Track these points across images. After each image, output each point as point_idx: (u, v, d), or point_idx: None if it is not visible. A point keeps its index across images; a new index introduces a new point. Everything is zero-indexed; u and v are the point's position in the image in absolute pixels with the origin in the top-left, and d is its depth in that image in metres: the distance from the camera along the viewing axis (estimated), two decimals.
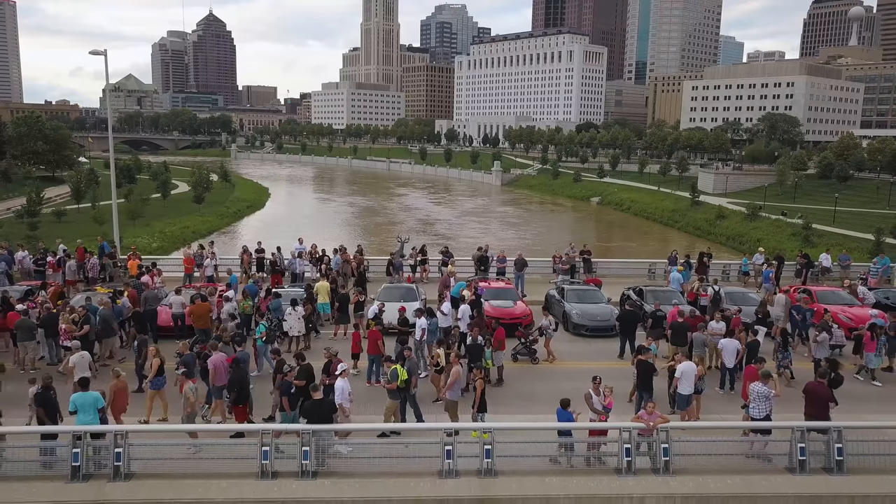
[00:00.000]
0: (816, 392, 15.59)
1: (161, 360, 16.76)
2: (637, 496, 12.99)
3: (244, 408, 15.88)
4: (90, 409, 13.51)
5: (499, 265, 28.13)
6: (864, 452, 13.66)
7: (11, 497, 12.18)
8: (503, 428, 13.32)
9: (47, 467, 12.78)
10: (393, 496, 12.64)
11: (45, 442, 12.89)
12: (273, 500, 12.37)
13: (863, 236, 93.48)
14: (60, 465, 12.43)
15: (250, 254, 27.30)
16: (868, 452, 13.53)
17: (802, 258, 28.66)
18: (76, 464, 12.40)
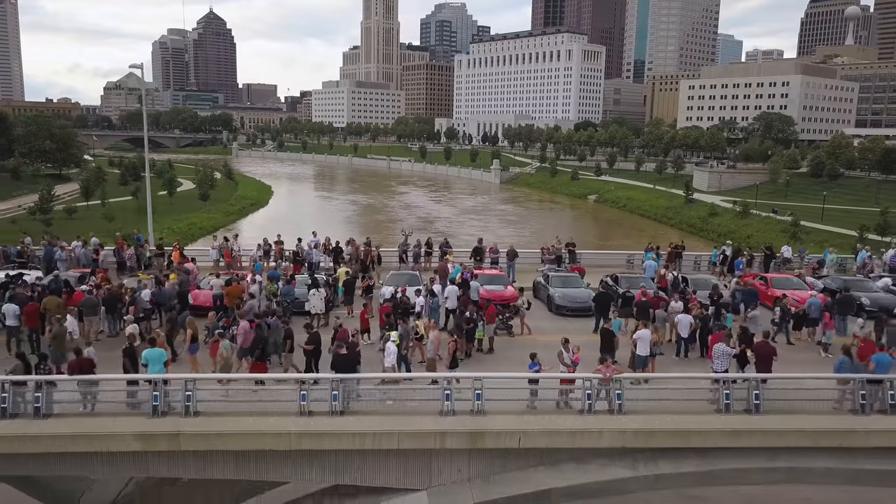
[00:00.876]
0: (762, 349, 19.23)
1: (195, 331, 20.24)
2: (595, 431, 16.21)
3: (264, 364, 19.27)
4: (158, 362, 16.86)
5: (492, 255, 31.56)
6: (779, 398, 16.92)
7: (110, 428, 15.43)
8: (489, 377, 16.72)
9: (133, 406, 16.08)
10: (404, 429, 15.99)
11: (130, 387, 16.23)
12: (310, 432, 15.66)
13: (848, 233, 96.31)
14: (144, 405, 15.76)
15: (281, 245, 30.76)
16: (782, 398, 16.84)
17: (766, 250, 32.02)
18: (156, 404, 15.68)
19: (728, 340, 19.12)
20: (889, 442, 16.46)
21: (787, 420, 16.33)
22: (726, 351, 18.88)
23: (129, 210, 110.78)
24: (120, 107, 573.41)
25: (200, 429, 15.41)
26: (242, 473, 16.80)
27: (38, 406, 15.31)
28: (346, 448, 16.22)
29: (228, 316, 21.69)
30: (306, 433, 15.64)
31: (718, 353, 18.91)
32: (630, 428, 15.95)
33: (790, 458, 16.43)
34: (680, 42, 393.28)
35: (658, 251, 30.52)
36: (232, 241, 31.20)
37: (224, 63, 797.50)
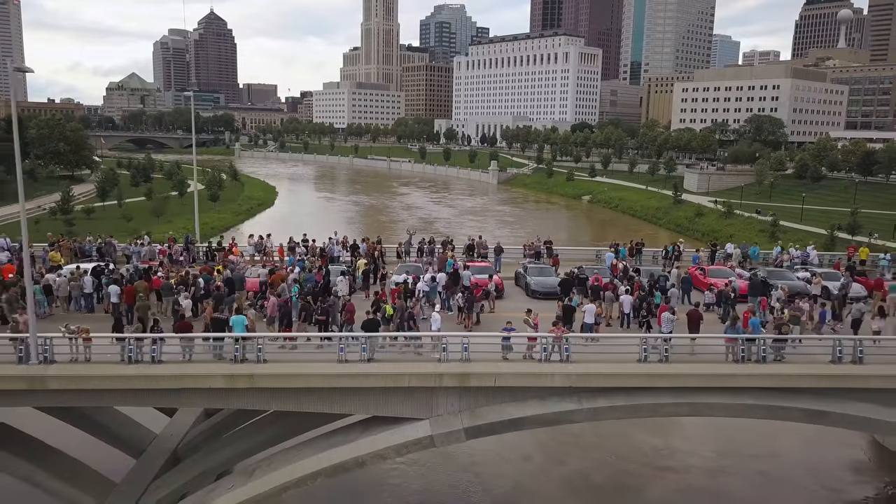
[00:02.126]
0: (692, 315, 25.71)
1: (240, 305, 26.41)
2: (549, 374, 22.40)
3: (288, 328, 25.51)
4: (240, 325, 22.96)
5: (482, 251, 37.78)
6: (686, 352, 23.20)
7: (206, 371, 21.59)
8: (473, 335, 23.05)
9: (219, 357, 22.31)
10: (413, 371, 22.21)
11: (216, 342, 22.48)
12: (346, 373, 21.87)
13: (823, 232, 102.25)
14: (228, 354, 22.03)
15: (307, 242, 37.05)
16: (688, 353, 23.13)
17: (711, 247, 38.21)
18: (237, 354, 21.78)
19: (672, 311, 25.50)
20: (760, 383, 22.70)
21: (688, 367, 22.56)
22: (670, 318, 25.14)
23: (144, 210, 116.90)
24: (122, 107, 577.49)
25: (269, 371, 21.66)
26: (301, 406, 23.02)
27: (153, 355, 21.52)
28: (371, 386, 22.32)
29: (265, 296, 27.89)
30: (344, 375, 21.91)
31: (665, 319, 25.17)
32: (575, 372, 22.17)
33: (691, 395, 22.68)
34: (676, 44, 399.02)
35: (618, 248, 36.79)
36: (265, 240, 37.46)
37: (225, 63, 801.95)
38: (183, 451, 31.76)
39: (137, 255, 34.26)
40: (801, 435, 38.51)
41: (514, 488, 33.84)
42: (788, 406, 22.76)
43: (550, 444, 37.57)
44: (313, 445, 24.25)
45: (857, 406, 22.70)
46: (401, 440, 22.45)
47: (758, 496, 34.03)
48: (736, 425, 39.54)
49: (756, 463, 36.97)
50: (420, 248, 37.58)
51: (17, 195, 30.01)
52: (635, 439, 38.06)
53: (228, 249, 35.24)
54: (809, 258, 36.68)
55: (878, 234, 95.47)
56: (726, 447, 38.45)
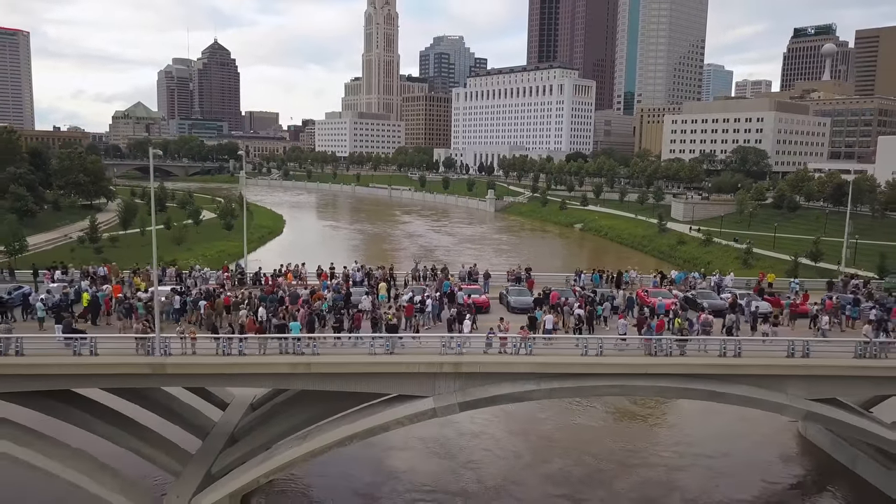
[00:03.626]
0: (639, 321, 34.55)
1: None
2: (517, 363, 31.02)
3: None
4: (296, 329, 31.85)
5: (475, 276, 46.79)
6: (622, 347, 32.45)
7: (275, 361, 30.55)
8: (464, 336, 32.18)
9: (283, 351, 31.26)
10: (420, 360, 31.18)
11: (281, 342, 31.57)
12: (374, 362, 30.93)
13: (790, 258, 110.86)
14: (288, 349, 31.06)
15: (333, 269, 46.08)
16: (621, 347, 32.38)
17: (659, 273, 47.30)
18: (297, 350, 30.76)
19: (628, 318, 34.70)
20: (669, 371, 31.61)
21: (617, 359, 31.58)
22: (624, 323, 34.12)
23: (166, 238, 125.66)
24: (128, 135, 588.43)
25: (321, 361, 30.69)
26: (342, 387, 31.84)
27: (240, 350, 30.57)
28: (393, 372, 31.26)
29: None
30: (372, 362, 31.00)
31: (620, 325, 34.15)
32: (535, 362, 31.18)
33: (620, 379, 31.68)
34: (667, 75, 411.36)
35: (580, 273, 45.97)
36: (301, 267, 46.61)
37: (228, 92, 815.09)
38: (238, 433, 40.70)
39: (203, 279, 43.34)
40: (748, 438, 48.54)
41: (504, 479, 41.94)
42: (691, 387, 31.84)
43: (538, 445, 46.25)
44: (348, 418, 33.19)
45: (739, 387, 31.75)
46: (413, 412, 31.43)
47: (705, 486, 42.29)
48: (693, 431, 49.06)
49: (707, 461, 45.50)
50: (424, 274, 46.76)
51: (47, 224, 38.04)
52: (607, 442, 46.87)
53: (283, 275, 44.46)
54: (723, 282, 45.84)
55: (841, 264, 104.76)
56: (683, 449, 47.05)
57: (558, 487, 40.95)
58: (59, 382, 31.46)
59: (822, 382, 32.51)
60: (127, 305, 34.86)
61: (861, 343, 32.19)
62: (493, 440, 47.33)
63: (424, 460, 43.99)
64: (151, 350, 29.93)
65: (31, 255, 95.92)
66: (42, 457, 30.44)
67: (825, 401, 33.69)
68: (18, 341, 29.84)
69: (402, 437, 45.64)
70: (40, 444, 31.34)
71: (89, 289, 38.08)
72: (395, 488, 40.77)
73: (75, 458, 31.85)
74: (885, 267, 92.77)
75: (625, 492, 40.84)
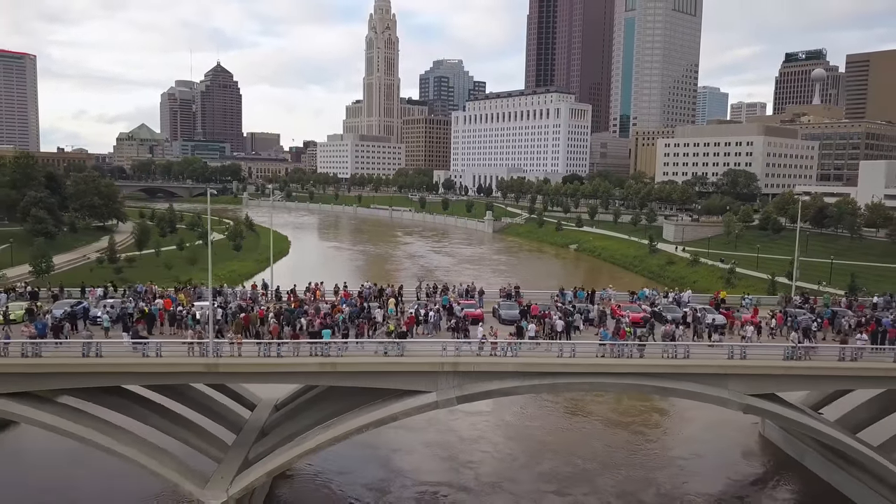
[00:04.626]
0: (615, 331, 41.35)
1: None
2: (505, 363, 37.34)
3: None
4: (327, 335, 38.46)
5: (470, 293, 53.57)
6: (588, 351, 39.18)
7: (307, 361, 37.10)
8: (462, 341, 38.98)
9: (315, 353, 37.97)
10: (425, 360, 37.79)
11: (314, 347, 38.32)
12: (387, 362, 37.50)
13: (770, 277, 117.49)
14: (319, 351, 37.79)
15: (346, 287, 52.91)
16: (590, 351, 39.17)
17: (631, 293, 54.23)
18: (325, 353, 37.45)
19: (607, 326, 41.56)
20: (629, 370, 38.18)
21: (587, 360, 38.28)
22: (599, 332, 40.94)
23: (181, 259, 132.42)
24: (132, 156, 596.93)
25: (345, 361, 37.42)
26: (361, 383, 38.45)
27: (279, 352, 37.31)
28: (403, 370, 37.89)
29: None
30: (386, 362, 37.66)
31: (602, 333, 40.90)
32: (520, 362, 37.84)
33: (590, 378, 38.33)
34: (662, 98, 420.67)
35: (563, 290, 52.85)
36: (320, 286, 53.43)
37: (230, 113, 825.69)
38: (267, 428, 47.33)
39: (234, 295, 50.19)
40: (716, 441, 55.64)
41: (499, 477, 48.20)
42: (647, 384, 38.58)
43: (531, 448, 52.71)
44: (364, 410, 39.81)
45: (687, 384, 38.48)
46: (418, 404, 38.06)
47: (677, 482, 48.51)
48: (668, 436, 55.98)
49: (680, 461, 52.00)
50: (427, 292, 53.65)
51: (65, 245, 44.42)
52: (592, 446, 53.42)
53: (313, 292, 51.49)
54: (681, 298, 52.75)
55: (825, 281, 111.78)
56: (659, 451, 53.61)
57: (548, 485, 47.33)
58: (128, 380, 38.25)
59: (759, 380, 39.21)
60: (179, 317, 41.66)
61: (789, 348, 39.00)
62: (490, 444, 53.88)
63: (428, 461, 50.37)
64: (206, 352, 36.70)
65: (55, 276, 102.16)
66: (117, 442, 37.04)
67: (765, 396, 40.40)
68: (98, 346, 36.61)
69: (408, 441, 52.48)
70: (114, 433, 37.99)
71: (144, 303, 44.88)
72: (402, 483, 47.17)
73: (140, 444, 38.46)
74: (854, 285, 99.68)
75: (607, 488, 47.19)
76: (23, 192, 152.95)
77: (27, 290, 49.81)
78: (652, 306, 49.79)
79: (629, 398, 62.69)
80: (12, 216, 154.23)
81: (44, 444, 48.47)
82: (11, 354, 36.04)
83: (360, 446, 50.13)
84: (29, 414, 36.31)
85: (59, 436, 37.86)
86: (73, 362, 36.38)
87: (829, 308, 49.24)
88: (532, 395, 62.67)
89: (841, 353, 39.05)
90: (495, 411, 59.78)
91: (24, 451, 50.64)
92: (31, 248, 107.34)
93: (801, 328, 41.42)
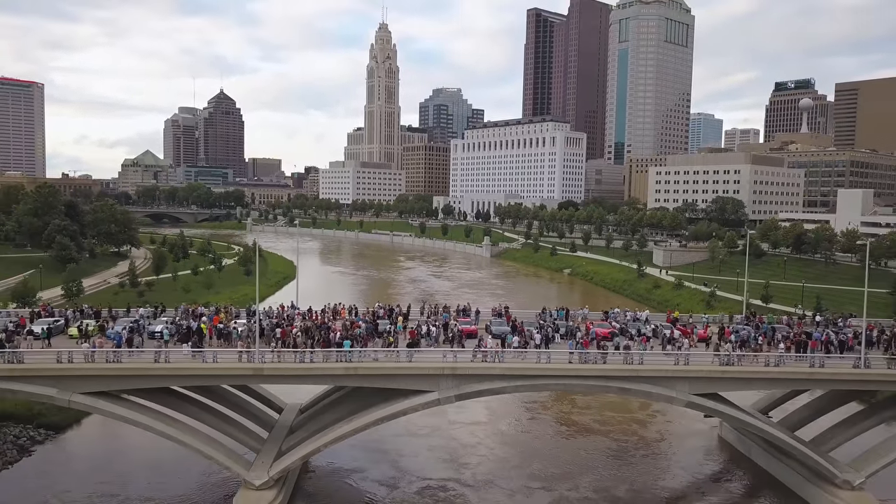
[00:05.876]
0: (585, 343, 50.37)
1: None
2: (494, 367, 45.64)
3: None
4: (347, 344, 47.34)
5: (467, 312, 62.68)
6: (562, 359, 48.07)
7: (333, 365, 45.97)
8: (458, 350, 47.95)
9: (337, 360, 46.87)
10: (429, 366, 46.61)
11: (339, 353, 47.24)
12: (398, 366, 46.21)
13: (754, 301, 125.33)
14: (343, 358, 46.75)
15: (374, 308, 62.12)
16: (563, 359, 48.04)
17: (604, 312, 63.36)
18: (347, 360, 46.30)
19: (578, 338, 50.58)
20: (593, 373, 47.10)
21: (560, 365, 47.15)
22: (570, 343, 49.87)
23: (197, 283, 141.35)
24: (136, 182, 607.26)
25: (364, 366, 46.38)
26: (381, 384, 47.40)
27: (311, 359, 46.28)
28: (411, 374, 46.67)
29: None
30: (397, 365, 46.55)
31: (569, 344, 49.76)
32: (506, 367, 46.69)
33: (563, 379, 47.28)
34: (655, 126, 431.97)
35: (545, 309, 62.00)
36: (340, 305, 62.49)
37: (233, 140, 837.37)
38: (295, 426, 56.13)
39: (267, 315, 59.35)
40: (680, 443, 64.58)
41: (494, 476, 56.16)
42: (609, 385, 47.51)
43: (522, 453, 61.13)
44: (378, 407, 48.64)
45: (642, 385, 47.42)
46: (423, 401, 46.81)
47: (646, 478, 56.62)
48: (640, 440, 64.76)
49: (649, 460, 60.60)
50: (429, 312, 62.81)
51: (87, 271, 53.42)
52: (575, 451, 61.88)
53: (338, 312, 60.54)
54: (638, 316, 61.97)
55: (800, 305, 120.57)
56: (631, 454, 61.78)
57: (537, 482, 55.60)
58: (189, 381, 47.22)
59: (701, 382, 48.10)
60: (226, 331, 50.74)
61: (723, 356, 48.07)
62: (487, 448, 62.51)
63: (432, 462, 58.60)
64: (251, 359, 45.73)
65: (83, 298, 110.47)
66: (179, 432, 45.91)
67: (708, 396, 49.31)
68: (167, 354, 45.64)
69: (414, 446, 61.10)
70: (175, 424, 46.86)
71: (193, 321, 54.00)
72: (409, 480, 55.40)
73: (196, 434, 47.29)
74: (820, 307, 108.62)
75: (587, 485, 55.28)
76: (44, 220, 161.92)
77: (92, 310, 58.78)
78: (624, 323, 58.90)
79: (610, 410, 71.49)
80: (35, 242, 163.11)
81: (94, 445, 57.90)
82: (97, 361, 44.98)
83: (371, 450, 58.67)
84: (110, 409, 45.11)
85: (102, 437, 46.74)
86: (145, 366, 45.30)
87: (769, 325, 58.27)
88: (524, 407, 72.47)
89: (766, 360, 48.10)
90: (491, 421, 68.42)
91: (78, 451, 59.67)
92: (64, 274, 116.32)
93: (739, 340, 50.46)
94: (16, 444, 56.61)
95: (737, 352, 48.51)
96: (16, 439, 57.47)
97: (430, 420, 65.40)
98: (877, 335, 53.83)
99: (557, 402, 74.60)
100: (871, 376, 47.61)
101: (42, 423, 60.69)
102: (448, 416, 67.18)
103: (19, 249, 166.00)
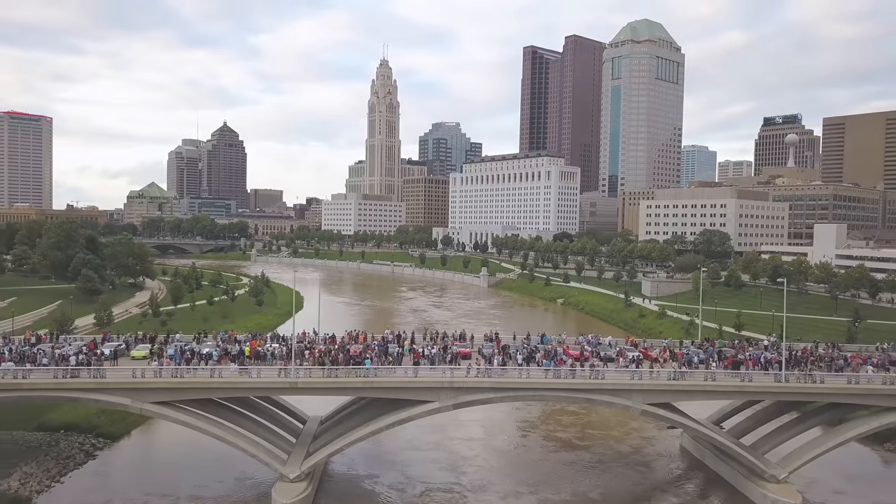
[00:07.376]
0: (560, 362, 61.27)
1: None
2: (484, 380, 56.41)
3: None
4: (368, 362, 58.18)
5: (464, 338, 73.58)
6: (540, 375, 58.91)
7: (352, 379, 56.95)
8: (456, 367, 58.84)
9: (355, 375, 57.61)
10: (432, 380, 57.38)
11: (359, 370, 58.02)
12: (406, 380, 57.01)
13: (725, 329, 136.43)
14: (363, 374, 57.53)
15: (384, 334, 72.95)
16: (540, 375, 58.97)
17: (580, 335, 74.37)
18: (365, 374, 57.10)
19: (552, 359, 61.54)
20: (565, 386, 57.70)
21: (536, 380, 57.86)
22: (547, 363, 60.72)
23: (214, 313, 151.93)
24: (141, 213, 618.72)
25: (379, 380, 57.15)
26: (393, 395, 57.83)
27: (336, 374, 57.11)
28: (417, 387, 57.23)
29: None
30: (406, 379, 57.25)
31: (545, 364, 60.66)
32: (497, 380, 57.31)
33: (539, 392, 58.01)
34: (648, 160, 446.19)
35: (529, 335, 73.07)
36: (357, 331, 73.48)
37: (235, 171, 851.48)
38: (318, 433, 66.86)
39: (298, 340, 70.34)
40: (645, 451, 74.64)
41: (488, 481, 65.74)
42: (577, 396, 58.36)
43: (514, 460, 71.30)
44: (389, 415, 59.34)
45: (604, 396, 58.26)
46: (426, 409, 57.39)
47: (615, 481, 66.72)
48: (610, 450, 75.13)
49: (620, 468, 70.84)
50: (431, 338, 73.94)
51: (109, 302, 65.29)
52: (559, 461, 72.06)
53: (357, 337, 71.53)
54: (600, 340, 73.10)
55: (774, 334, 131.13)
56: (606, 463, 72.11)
57: (525, 487, 65.22)
58: (237, 392, 58.08)
59: (653, 393, 59.01)
60: (262, 353, 61.78)
61: (672, 372, 59.07)
62: (482, 459, 72.68)
63: (435, 470, 68.16)
64: (287, 374, 56.70)
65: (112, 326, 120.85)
66: (228, 434, 56.70)
67: (661, 406, 60.14)
68: (219, 371, 56.60)
69: (418, 457, 71.21)
70: (224, 428, 57.66)
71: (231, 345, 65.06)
72: (414, 484, 65.43)
73: (238, 435, 58.03)
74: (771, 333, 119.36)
75: (567, 488, 64.90)
76: (66, 253, 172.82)
77: (147, 336, 69.84)
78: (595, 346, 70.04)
79: (590, 428, 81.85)
80: (59, 275, 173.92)
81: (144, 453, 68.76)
82: (164, 376, 55.93)
83: (381, 461, 68.66)
84: (173, 416, 55.89)
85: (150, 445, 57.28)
86: (203, 381, 56.24)
87: (718, 349, 69.40)
88: (515, 425, 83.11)
89: (706, 376, 59.15)
90: (486, 437, 78.47)
91: (131, 457, 70.28)
92: (95, 305, 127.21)
93: (687, 360, 61.55)
94: (82, 449, 67.11)
95: (683, 369, 59.41)
96: (80, 446, 67.93)
97: (433, 437, 75.55)
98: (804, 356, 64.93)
99: (544, 421, 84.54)
100: (786, 388, 58.59)
101: (100, 433, 71.17)
102: (448, 433, 77.17)
103: (44, 281, 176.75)
